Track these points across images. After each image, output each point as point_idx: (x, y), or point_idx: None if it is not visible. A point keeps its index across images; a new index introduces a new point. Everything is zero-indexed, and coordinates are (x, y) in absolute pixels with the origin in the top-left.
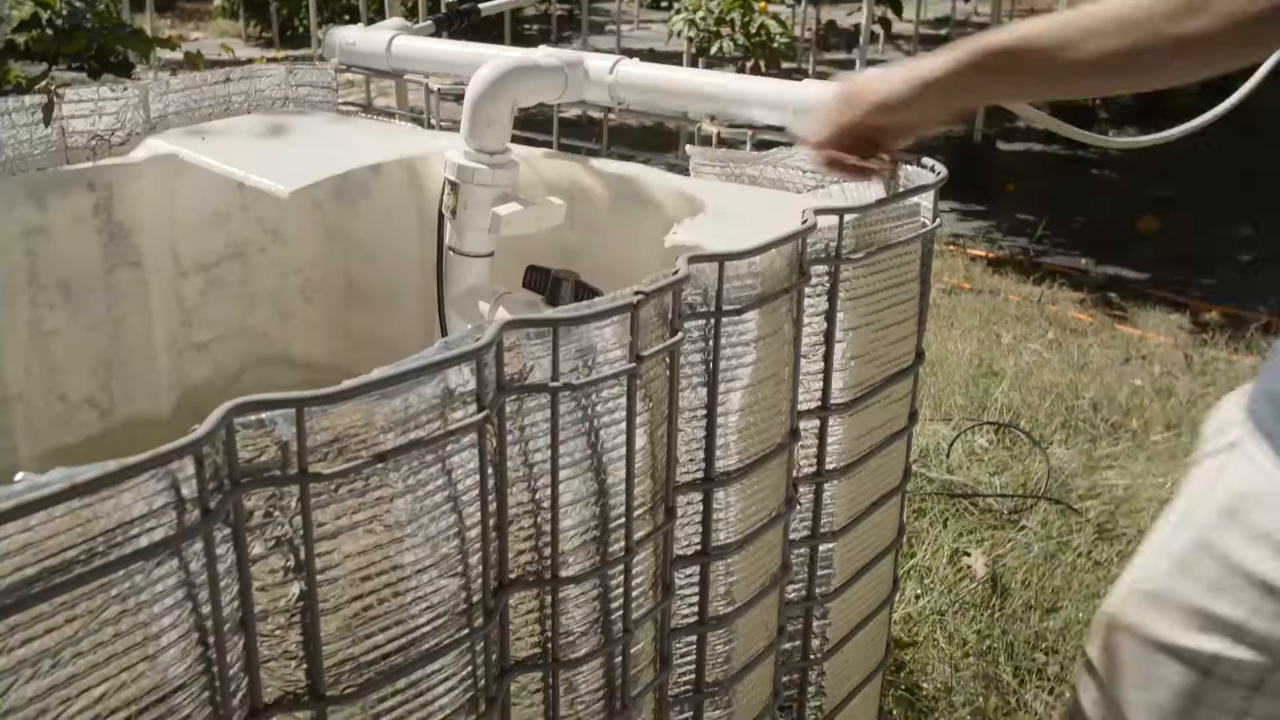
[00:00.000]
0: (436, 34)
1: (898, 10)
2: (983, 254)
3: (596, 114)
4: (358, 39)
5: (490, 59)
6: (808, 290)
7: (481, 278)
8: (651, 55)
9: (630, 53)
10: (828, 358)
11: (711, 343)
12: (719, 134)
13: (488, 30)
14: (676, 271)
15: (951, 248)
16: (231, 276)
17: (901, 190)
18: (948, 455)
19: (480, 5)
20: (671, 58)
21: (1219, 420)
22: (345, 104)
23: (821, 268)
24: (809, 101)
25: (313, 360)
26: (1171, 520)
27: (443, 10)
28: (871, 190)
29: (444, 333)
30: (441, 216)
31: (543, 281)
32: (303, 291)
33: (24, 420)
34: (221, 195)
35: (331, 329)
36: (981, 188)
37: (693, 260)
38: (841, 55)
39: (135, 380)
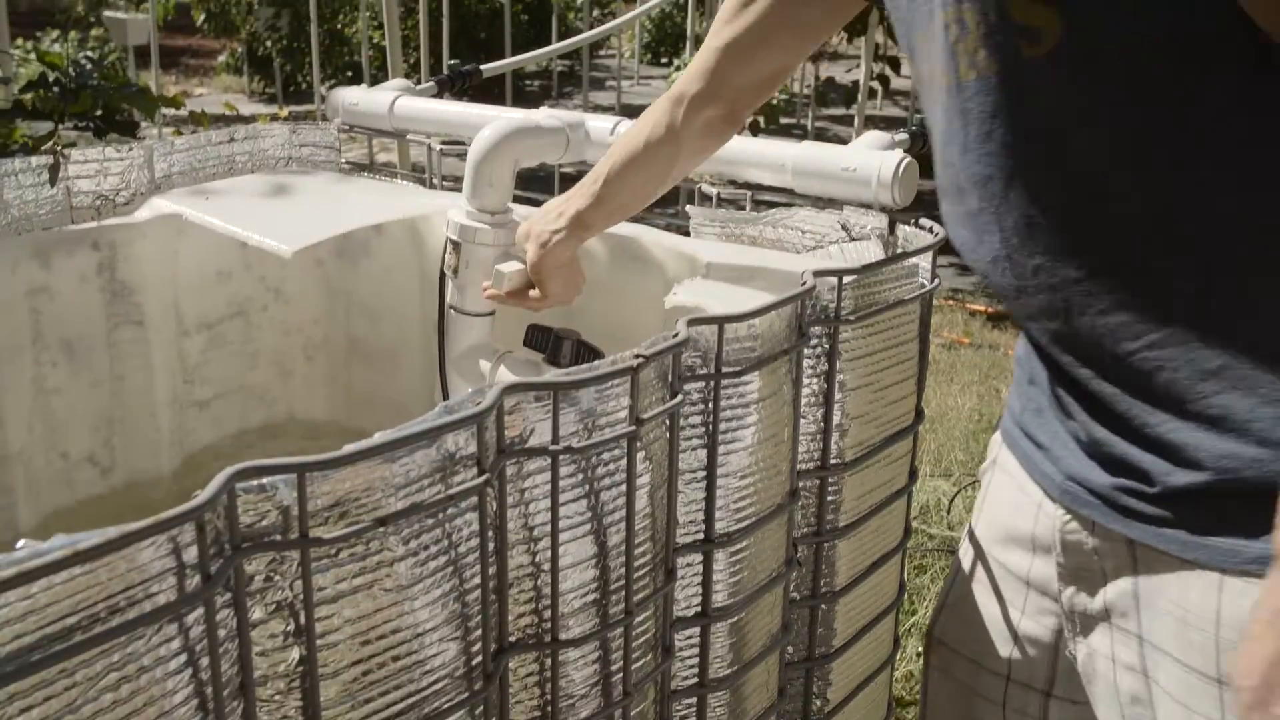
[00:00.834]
0: (439, 95)
1: (896, 67)
2: (982, 309)
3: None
4: (361, 99)
5: (492, 120)
6: (807, 351)
7: (483, 337)
8: None
9: (630, 109)
10: (827, 418)
11: (711, 404)
12: (719, 194)
13: (489, 86)
14: (676, 334)
15: (951, 302)
16: (233, 334)
17: (900, 252)
18: (948, 511)
19: (482, 67)
20: None
21: (991, 441)
22: (348, 162)
23: (820, 328)
24: (807, 162)
25: (314, 418)
26: (963, 538)
27: (445, 71)
28: (870, 250)
29: (445, 391)
30: (443, 275)
31: (544, 340)
32: (304, 349)
33: (24, 478)
34: (224, 254)
35: (333, 386)
36: None
37: (692, 323)
38: (840, 111)
39: (136, 437)
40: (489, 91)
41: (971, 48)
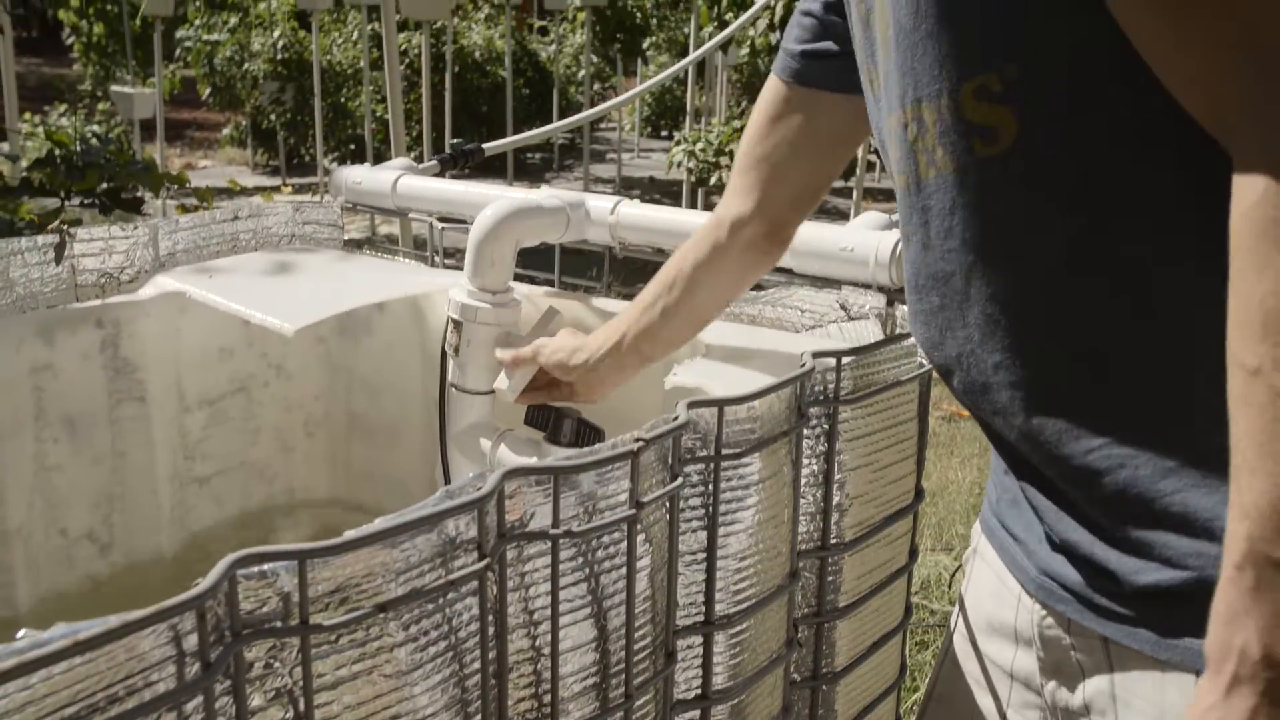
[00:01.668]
0: (441, 173)
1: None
2: None
3: (598, 249)
4: (364, 178)
5: (494, 200)
6: (806, 431)
7: (483, 415)
8: (652, 184)
9: (631, 181)
10: (827, 498)
11: (711, 486)
12: None
13: (492, 159)
14: (677, 417)
15: None
16: (235, 411)
17: (898, 332)
18: (950, 586)
19: (484, 146)
20: (671, 186)
21: (974, 528)
22: (350, 240)
23: (820, 409)
24: (806, 242)
25: (314, 494)
26: (949, 628)
27: (447, 149)
28: (868, 330)
29: (445, 468)
30: (444, 353)
31: (544, 419)
32: (305, 426)
33: (23, 556)
34: (227, 331)
35: (333, 463)
36: None
37: (692, 405)
38: (839, 184)
39: (136, 514)
40: (491, 164)
41: (930, 145)
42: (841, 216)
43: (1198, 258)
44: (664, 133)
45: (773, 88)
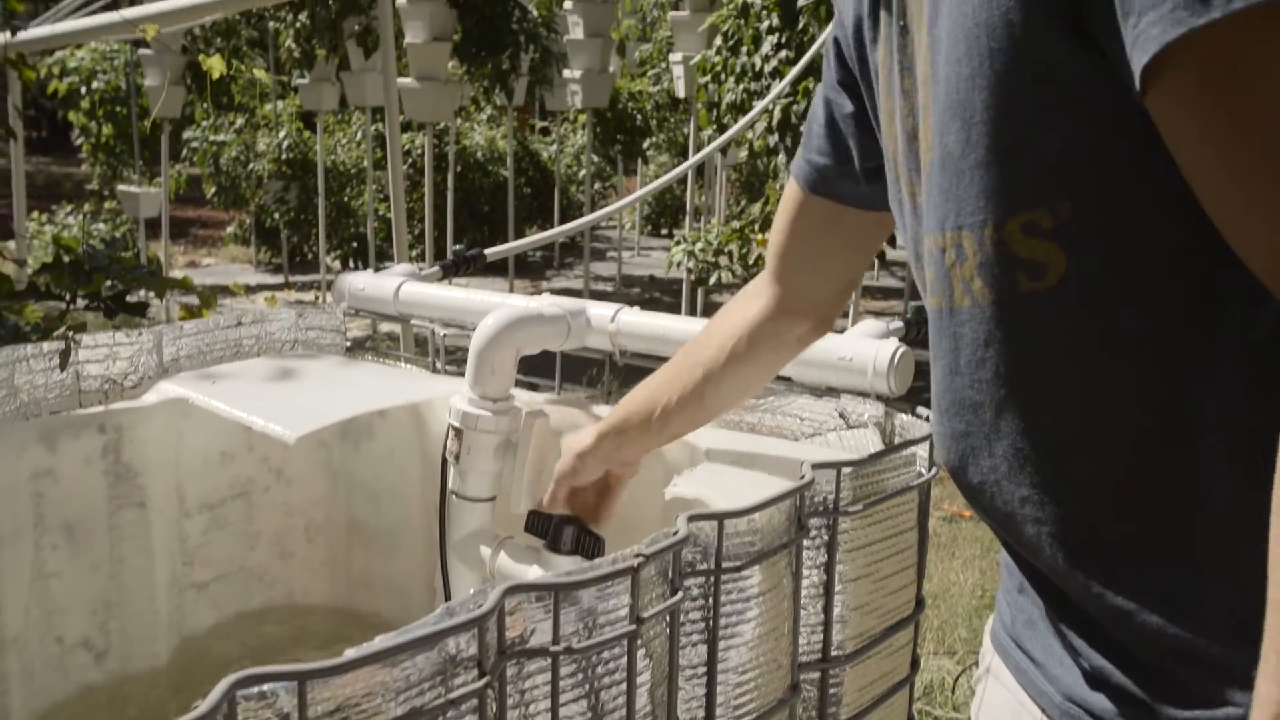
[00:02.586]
0: (443, 278)
1: (891, 241)
2: None
3: (599, 355)
4: (367, 285)
5: (495, 308)
6: (806, 542)
7: (483, 522)
8: (652, 282)
9: (631, 280)
10: (827, 610)
11: (712, 600)
12: None
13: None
14: (677, 531)
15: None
16: (234, 516)
17: (898, 441)
18: (953, 691)
19: (486, 251)
20: (672, 284)
21: (983, 645)
22: (352, 338)
23: (820, 520)
24: (804, 351)
25: (313, 600)
26: None
27: (449, 254)
28: (868, 438)
29: (445, 575)
30: (445, 460)
31: (544, 526)
32: (305, 531)
33: (19, 666)
34: (228, 436)
35: (333, 568)
36: None
37: (693, 519)
38: None
39: (133, 621)
40: (493, 262)
41: (968, 274)
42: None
43: (1249, 408)
44: (664, 231)
45: (794, 195)
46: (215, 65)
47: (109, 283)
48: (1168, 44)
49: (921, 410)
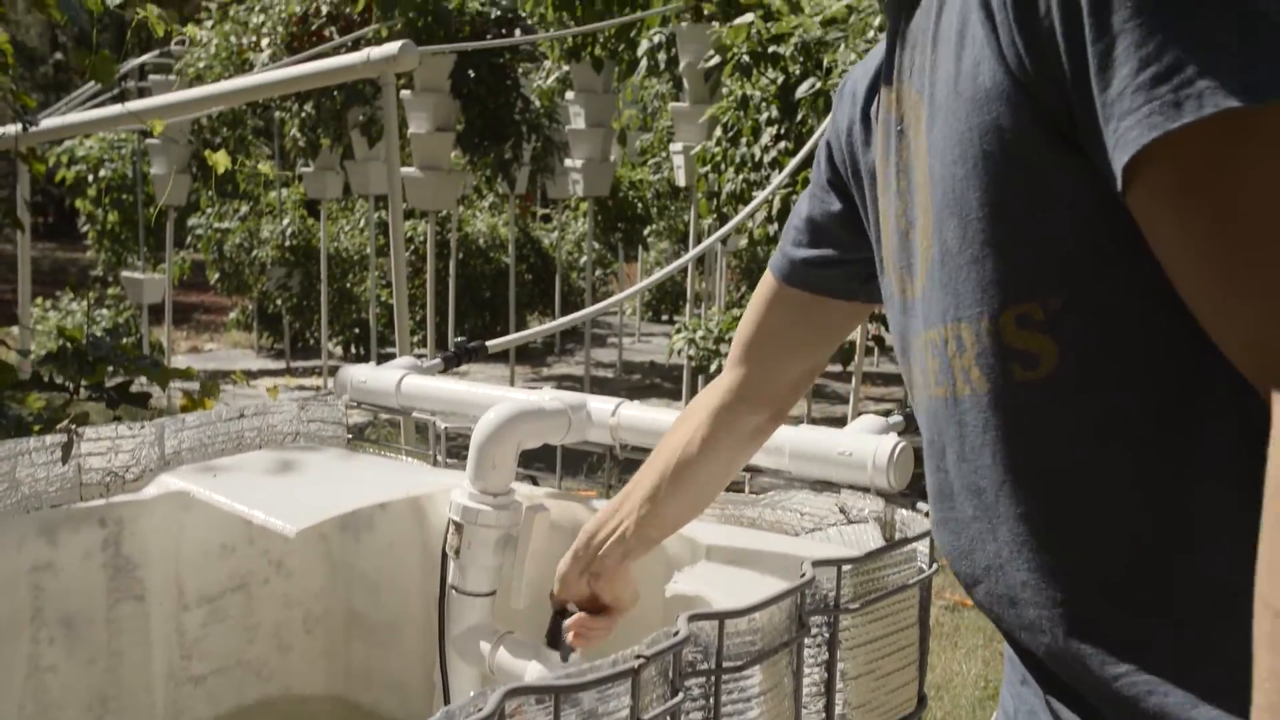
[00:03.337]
0: (445, 370)
1: (889, 327)
2: None
3: (599, 449)
4: (368, 377)
5: (497, 401)
6: (807, 640)
7: (483, 617)
8: (652, 368)
9: (632, 366)
10: (829, 709)
11: (712, 700)
12: None
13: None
14: (677, 632)
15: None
16: (233, 609)
17: (899, 536)
18: None
19: (488, 344)
20: (672, 371)
21: None
22: (353, 423)
23: (821, 618)
24: (804, 446)
25: (311, 693)
26: None
27: (451, 347)
28: (868, 534)
29: (444, 671)
30: (445, 554)
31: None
32: (304, 623)
33: None
34: (228, 529)
35: (332, 661)
36: None
37: (693, 619)
38: (838, 368)
39: (130, 716)
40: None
41: (967, 364)
42: (841, 400)
43: (1239, 490)
44: (664, 317)
45: (769, 285)
46: (221, 160)
47: (111, 368)
48: (1144, 146)
49: (922, 505)
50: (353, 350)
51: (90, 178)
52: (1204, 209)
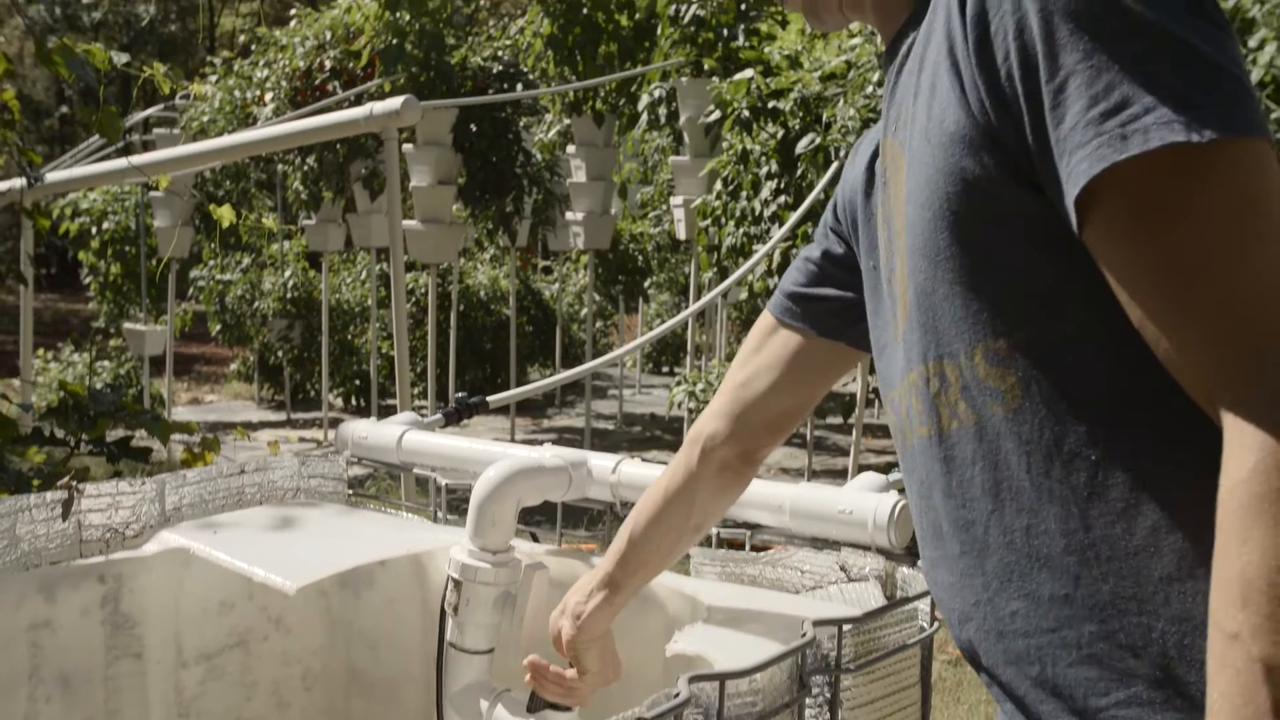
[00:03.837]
0: (446, 425)
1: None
2: None
3: (600, 506)
4: (369, 433)
5: (497, 458)
6: (808, 700)
7: (481, 674)
8: (653, 420)
9: (632, 418)
10: None
11: None
12: (718, 533)
13: (496, 390)
14: (678, 693)
15: None
16: (232, 666)
17: (900, 595)
18: None
19: (489, 399)
20: (673, 423)
21: None
22: (353, 476)
23: (822, 677)
24: (804, 504)
25: None
26: None
27: (451, 402)
28: (869, 592)
29: None
30: (444, 611)
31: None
32: (303, 680)
33: None
34: (228, 585)
35: (331, 718)
36: None
37: (694, 680)
38: (837, 420)
39: None
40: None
41: (953, 399)
42: (842, 453)
43: (1199, 514)
44: (665, 369)
45: (764, 322)
46: (225, 215)
47: (112, 422)
48: (1094, 177)
49: (921, 563)
50: (353, 402)
51: (94, 230)
52: (1151, 237)
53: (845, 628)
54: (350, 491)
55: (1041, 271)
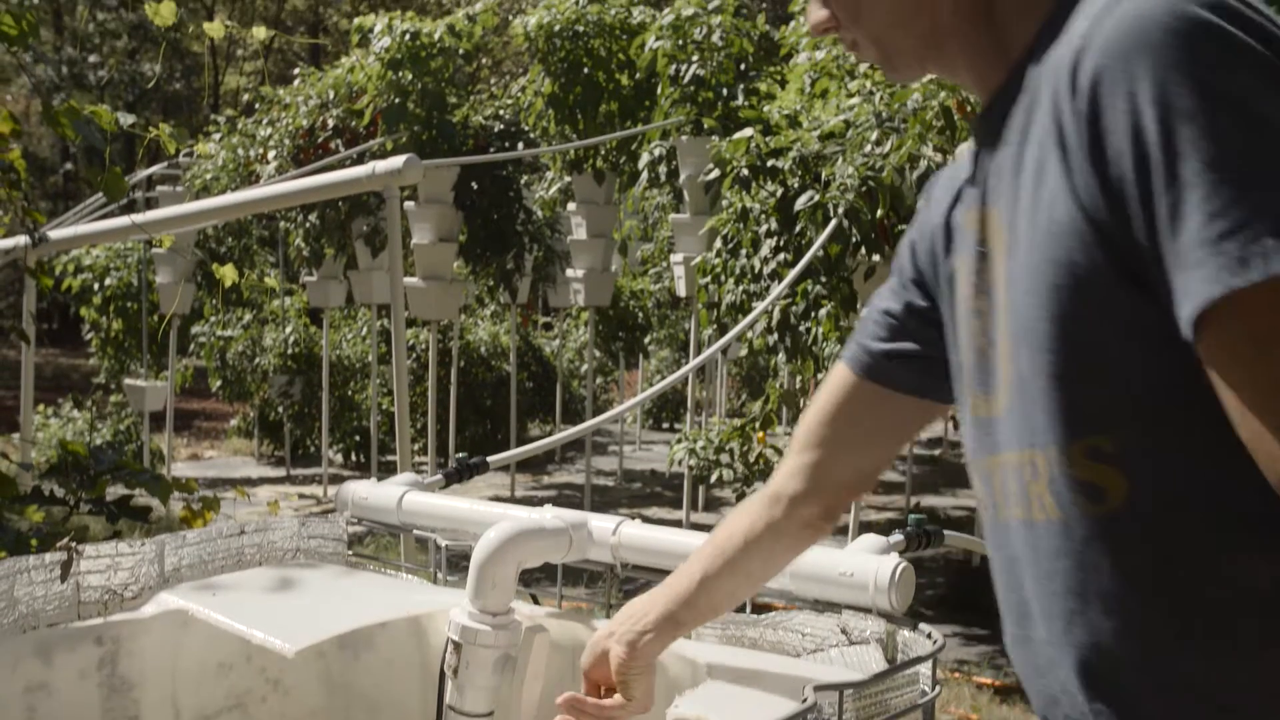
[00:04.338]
0: (446, 486)
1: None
2: (989, 681)
3: (600, 568)
4: (370, 494)
5: (498, 519)
6: None
7: None
8: (653, 476)
9: (632, 474)
10: None
11: None
12: None
13: (496, 449)
14: None
15: (956, 675)
16: None
17: (901, 658)
18: None
19: (489, 459)
20: (673, 480)
21: None
22: (353, 532)
23: None
24: (805, 566)
25: None
26: None
27: (451, 463)
28: (870, 655)
29: None
30: (443, 673)
31: None
32: None
33: None
34: (226, 647)
35: None
36: (984, 609)
37: None
38: None
39: None
40: (497, 453)
41: (1040, 491)
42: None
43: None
44: (665, 425)
45: (842, 377)
46: (228, 275)
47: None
48: (1212, 300)
49: (924, 627)
50: (353, 458)
51: (96, 286)
52: (1268, 361)
53: (847, 692)
54: (350, 552)
55: (1146, 371)
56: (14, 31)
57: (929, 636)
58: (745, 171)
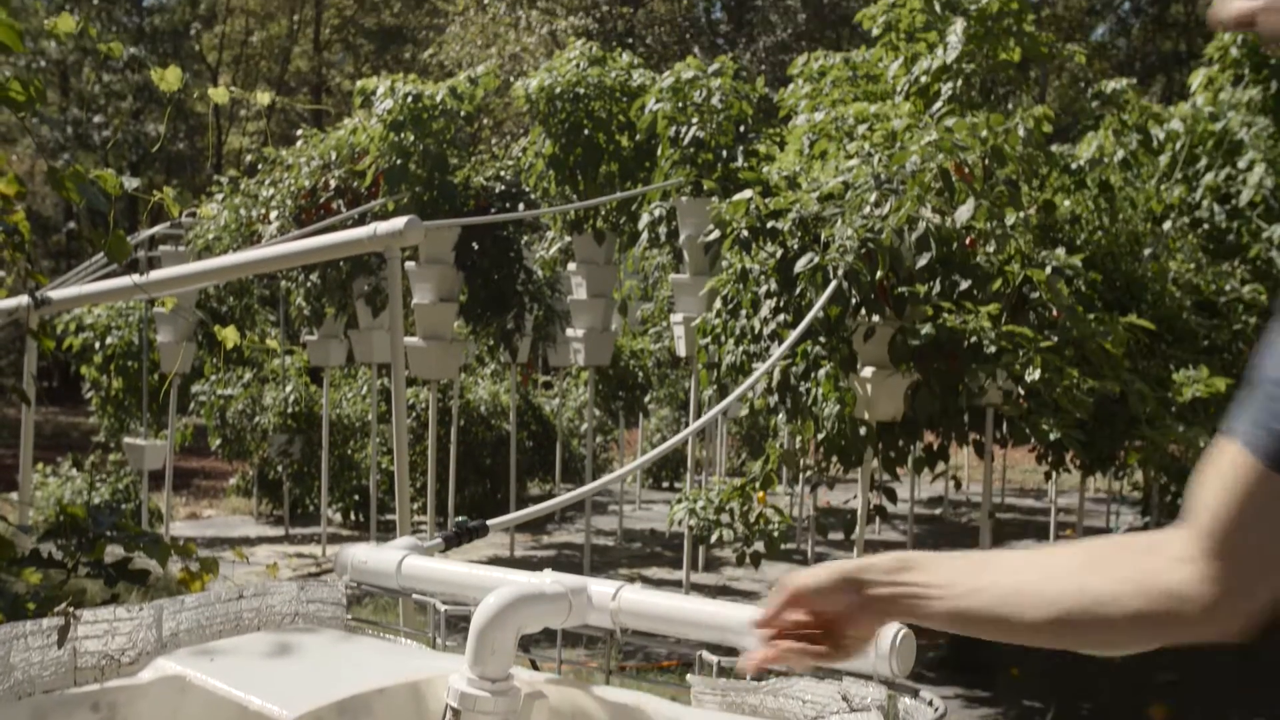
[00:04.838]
0: (445, 549)
1: (892, 497)
2: None
3: (600, 633)
4: (369, 558)
5: (498, 584)
6: None
7: None
8: (653, 535)
9: (632, 534)
10: None
11: None
12: (719, 662)
13: (497, 510)
14: None
15: None
16: None
17: None
18: None
19: (488, 523)
20: (673, 539)
21: None
22: (354, 617)
23: None
24: None
25: None
26: None
27: (451, 526)
28: None
29: None
30: None
31: None
32: None
33: None
34: (224, 713)
35: None
36: (985, 671)
37: None
38: (839, 536)
39: None
40: (495, 514)
41: None
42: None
43: None
44: (665, 484)
45: (1252, 468)
46: (230, 336)
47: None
48: None
49: (924, 694)
50: (352, 517)
51: (97, 344)
52: None
53: None
54: (349, 616)
55: None
56: (21, 97)
57: (930, 704)
58: (745, 232)
